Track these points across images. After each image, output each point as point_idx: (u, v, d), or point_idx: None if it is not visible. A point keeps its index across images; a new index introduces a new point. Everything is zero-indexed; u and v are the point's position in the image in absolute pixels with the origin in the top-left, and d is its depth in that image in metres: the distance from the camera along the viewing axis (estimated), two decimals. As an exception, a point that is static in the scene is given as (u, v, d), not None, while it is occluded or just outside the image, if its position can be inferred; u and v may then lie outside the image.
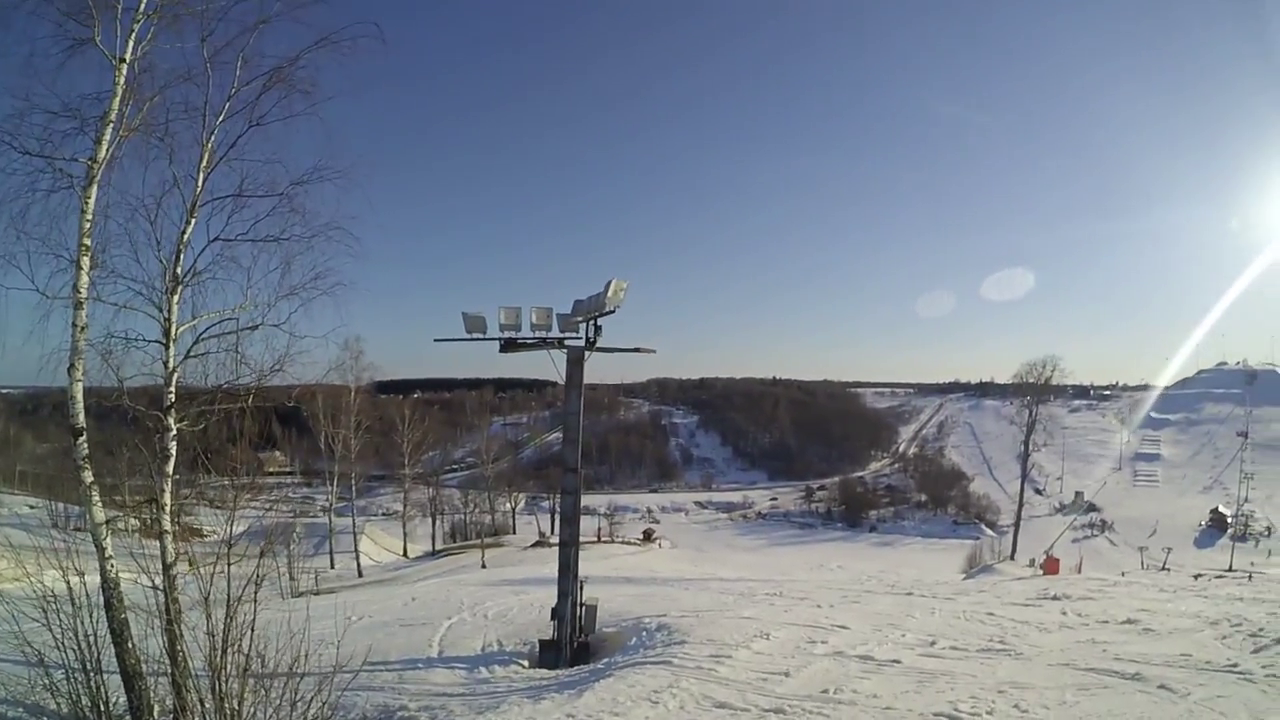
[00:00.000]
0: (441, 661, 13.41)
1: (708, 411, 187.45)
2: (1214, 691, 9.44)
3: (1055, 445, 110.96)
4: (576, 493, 14.95)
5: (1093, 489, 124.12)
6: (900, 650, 12.44)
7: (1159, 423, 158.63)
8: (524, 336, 14.38)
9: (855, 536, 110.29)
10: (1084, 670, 10.95)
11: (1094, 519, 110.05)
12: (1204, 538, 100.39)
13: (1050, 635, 14.36)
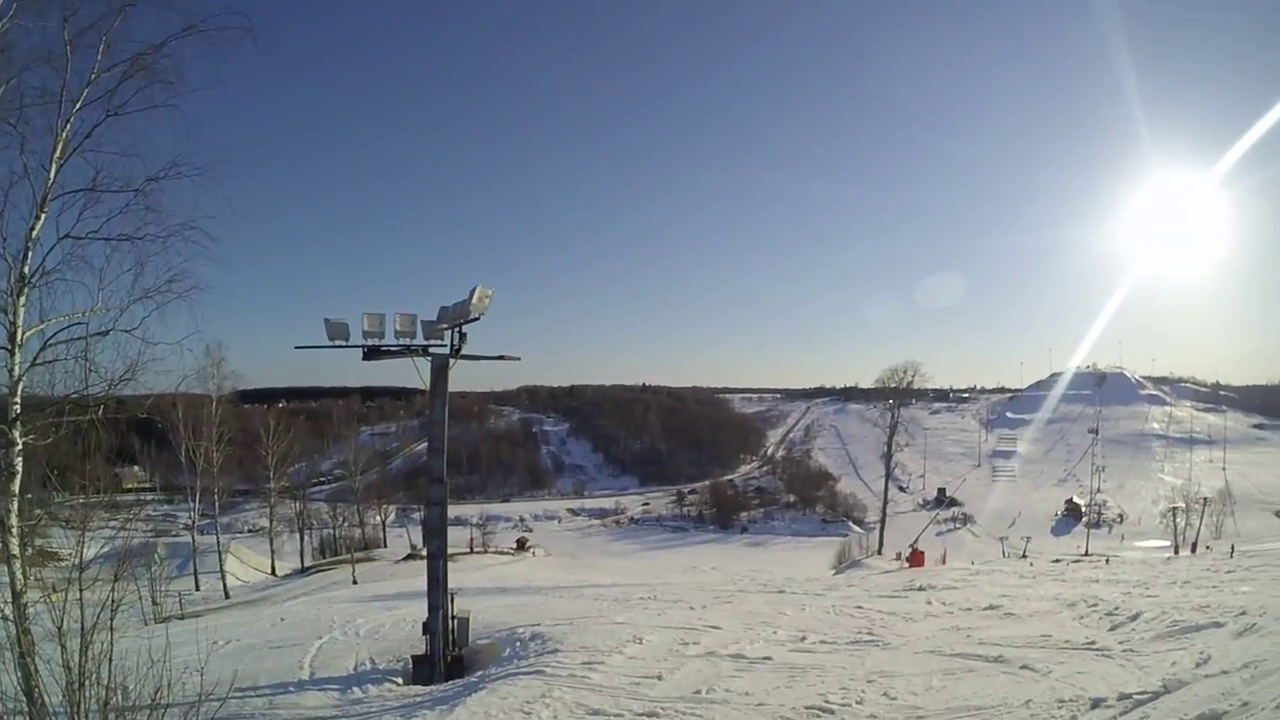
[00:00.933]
0: (313, 684, 12.98)
1: (578, 419, 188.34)
2: (1074, 668, 9.89)
3: (917, 445, 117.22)
4: (443, 504, 14.60)
5: (954, 485, 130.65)
6: (772, 647, 12.67)
7: (1015, 422, 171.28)
8: (388, 344, 13.99)
9: (727, 538, 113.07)
10: (949, 656, 11.37)
11: (956, 513, 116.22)
12: (1060, 526, 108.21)
13: (916, 624, 14.87)
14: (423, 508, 73.19)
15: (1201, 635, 11.39)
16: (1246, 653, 9.65)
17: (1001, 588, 21.69)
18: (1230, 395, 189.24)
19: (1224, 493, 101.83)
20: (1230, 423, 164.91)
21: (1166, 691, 8.06)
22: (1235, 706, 7.20)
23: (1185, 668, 9.17)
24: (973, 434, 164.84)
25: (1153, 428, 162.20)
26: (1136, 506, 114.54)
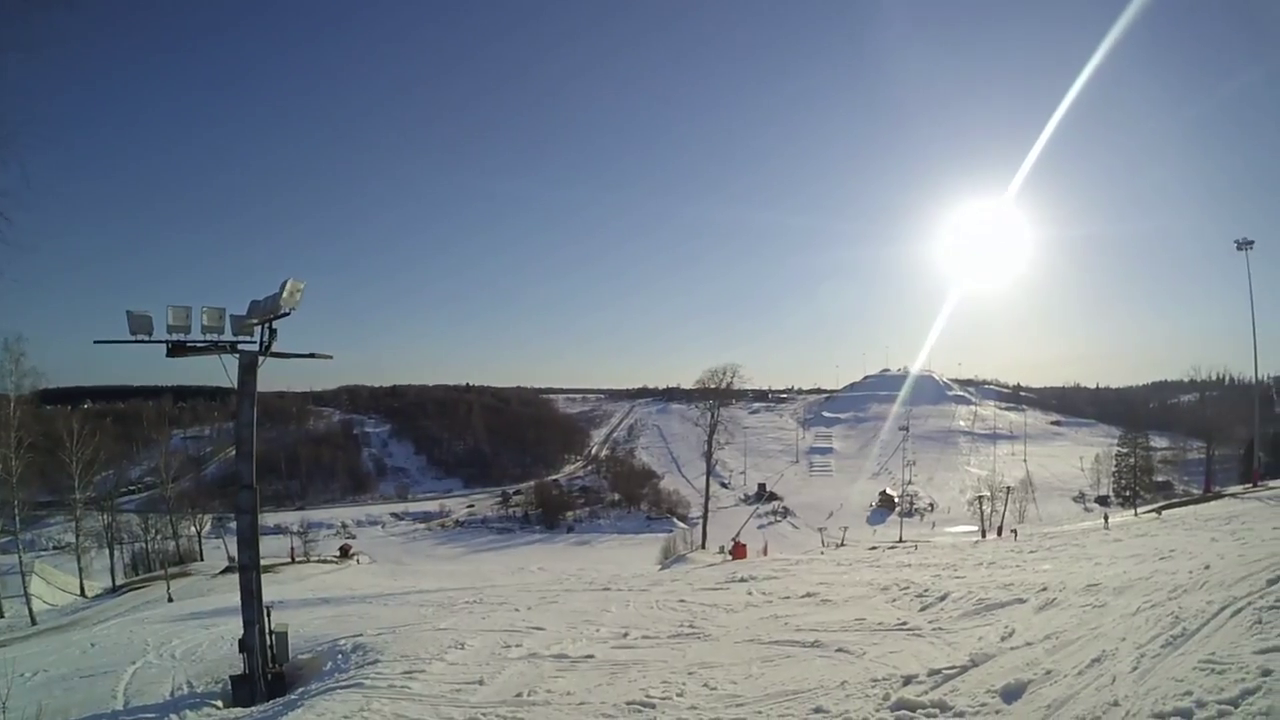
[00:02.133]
0: (127, 713, 12.14)
1: (401, 420, 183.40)
2: (887, 649, 10.20)
3: (738, 443, 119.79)
4: (253, 511, 13.77)
5: (774, 480, 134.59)
6: (594, 645, 12.59)
7: (831, 421, 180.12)
8: (194, 340, 12.97)
9: (554, 538, 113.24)
10: (768, 643, 11.54)
11: (777, 506, 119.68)
12: (875, 516, 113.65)
13: (737, 615, 15.07)
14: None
15: (1006, 611, 11.96)
16: (1048, 625, 10.17)
17: (819, 576, 22.29)
18: (1030, 396, 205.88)
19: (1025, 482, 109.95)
20: (1030, 420, 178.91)
21: (974, 665, 8.36)
22: (1039, 675, 7.54)
23: (991, 642, 9.56)
24: (791, 432, 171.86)
25: (959, 425, 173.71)
26: (946, 496, 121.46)
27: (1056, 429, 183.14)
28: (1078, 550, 25.14)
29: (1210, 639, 7.77)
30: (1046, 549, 27.27)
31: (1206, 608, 9.01)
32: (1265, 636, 7.38)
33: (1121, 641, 8.25)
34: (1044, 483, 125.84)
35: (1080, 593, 12.45)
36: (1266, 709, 5.45)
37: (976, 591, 14.13)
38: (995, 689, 7.24)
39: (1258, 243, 59.20)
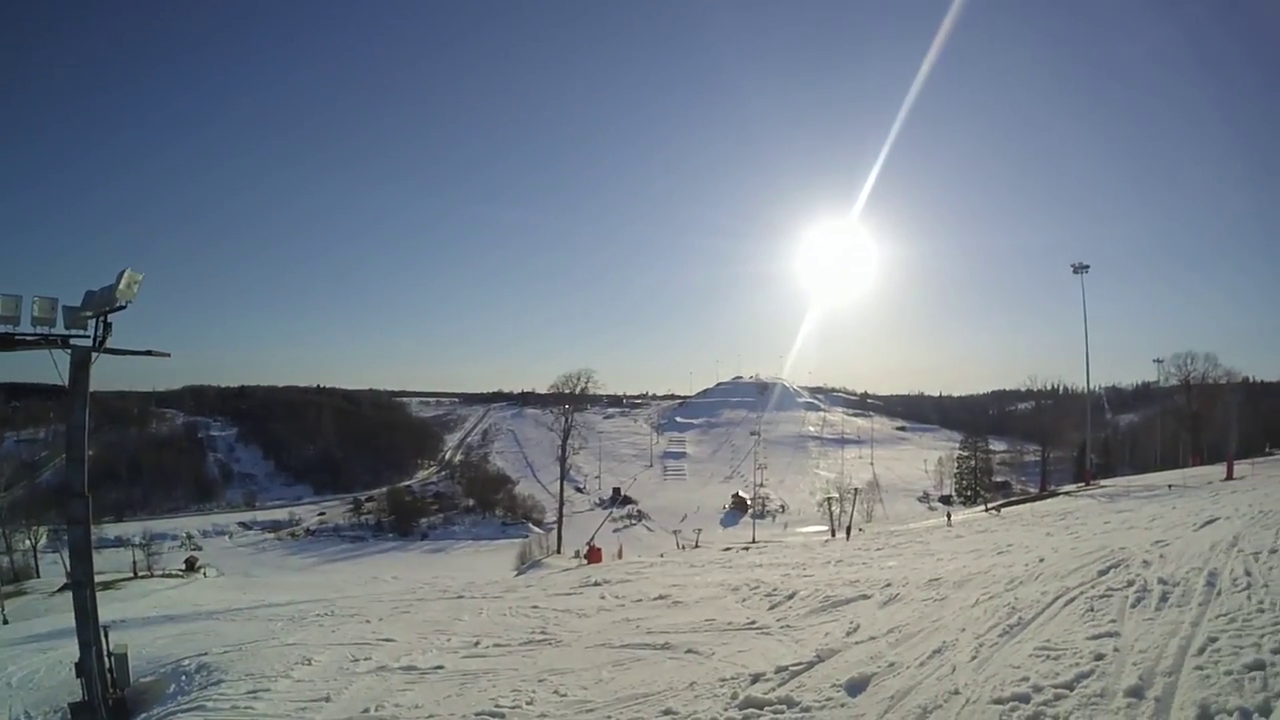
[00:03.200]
0: None
1: (249, 423, 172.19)
2: (736, 648, 10.25)
3: (592, 448, 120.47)
4: (86, 522, 12.81)
5: (629, 484, 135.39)
6: (445, 655, 12.29)
7: (684, 426, 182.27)
8: (22, 332, 11.93)
9: (408, 545, 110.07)
10: (619, 647, 11.47)
11: (631, 510, 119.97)
12: (728, 518, 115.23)
13: (589, 620, 14.97)
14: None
15: (851, 607, 12.20)
16: (891, 619, 10.40)
17: (672, 578, 22.34)
18: (877, 403, 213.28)
19: (873, 483, 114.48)
20: (877, 426, 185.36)
21: (820, 660, 8.46)
22: (883, 668, 7.67)
23: (837, 637, 9.71)
24: (645, 437, 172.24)
25: (809, 430, 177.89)
26: (797, 498, 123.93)
27: (902, 434, 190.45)
28: (921, 547, 26.00)
29: (1045, 627, 8.08)
30: (892, 547, 28.06)
31: (1041, 598, 9.38)
32: (1097, 623, 7.73)
33: (961, 632, 8.51)
34: (890, 484, 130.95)
35: (923, 587, 12.85)
36: (1100, 691, 5.68)
37: (824, 589, 14.37)
38: (840, 683, 7.33)
39: (1093, 266, 64.18)
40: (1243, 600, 7.57)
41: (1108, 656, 6.44)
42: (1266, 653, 5.82)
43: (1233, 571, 8.93)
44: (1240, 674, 5.50)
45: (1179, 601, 8.07)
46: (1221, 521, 14.99)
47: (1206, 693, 5.29)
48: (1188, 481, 49.29)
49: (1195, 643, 6.45)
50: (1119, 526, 21.54)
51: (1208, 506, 21.63)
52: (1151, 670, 5.93)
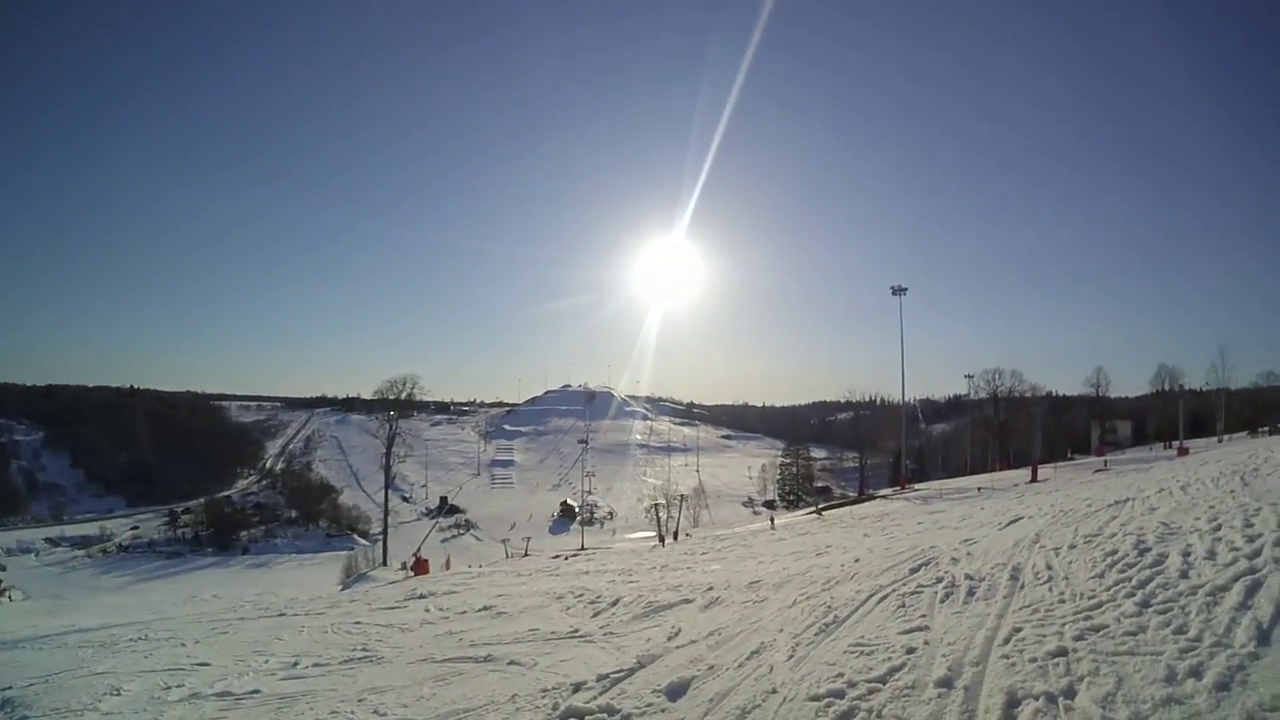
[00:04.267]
0: None
1: (56, 427, 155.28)
2: (559, 657, 10.10)
3: (418, 456, 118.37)
4: None
5: (456, 493, 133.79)
6: (262, 678, 11.69)
7: (512, 434, 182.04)
8: None
9: (228, 561, 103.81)
10: (441, 662, 11.16)
11: (459, 519, 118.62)
12: (557, 525, 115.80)
13: (412, 634, 14.55)
14: None
15: (673, 612, 12.23)
16: (712, 622, 10.46)
17: (498, 588, 22.05)
18: (703, 412, 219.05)
19: (699, 490, 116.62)
20: (703, 434, 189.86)
21: (641, 666, 8.40)
22: (703, 671, 7.66)
23: (658, 642, 9.67)
24: (472, 445, 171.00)
25: (637, 438, 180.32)
26: (624, 505, 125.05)
27: (727, 442, 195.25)
28: (745, 550, 26.46)
29: (860, 624, 8.25)
30: (717, 551, 28.43)
31: (856, 596, 9.59)
32: (909, 619, 7.94)
33: (779, 632, 8.61)
34: (716, 490, 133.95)
35: (743, 590, 13.01)
36: (911, 683, 5.80)
37: (647, 595, 14.39)
38: (661, 688, 7.29)
39: (911, 287, 68.53)
40: (1045, 592, 7.91)
41: (918, 650, 6.62)
42: (1068, 640, 6.08)
43: (1035, 566, 9.33)
44: (1044, 661, 5.72)
45: (985, 595, 8.40)
46: (1025, 520, 15.74)
47: (1013, 680, 5.47)
48: (996, 484, 52.11)
49: (1001, 633, 6.70)
50: (931, 527, 22.42)
51: (1013, 507, 22.74)
52: (960, 661, 6.11)
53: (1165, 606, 6.46)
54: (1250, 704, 4.40)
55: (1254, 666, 4.90)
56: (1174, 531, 9.30)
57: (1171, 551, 8.17)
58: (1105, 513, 12.93)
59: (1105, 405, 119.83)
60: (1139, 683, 5.00)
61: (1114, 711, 4.67)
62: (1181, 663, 5.15)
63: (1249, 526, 8.43)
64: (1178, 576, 7.27)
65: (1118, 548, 9.00)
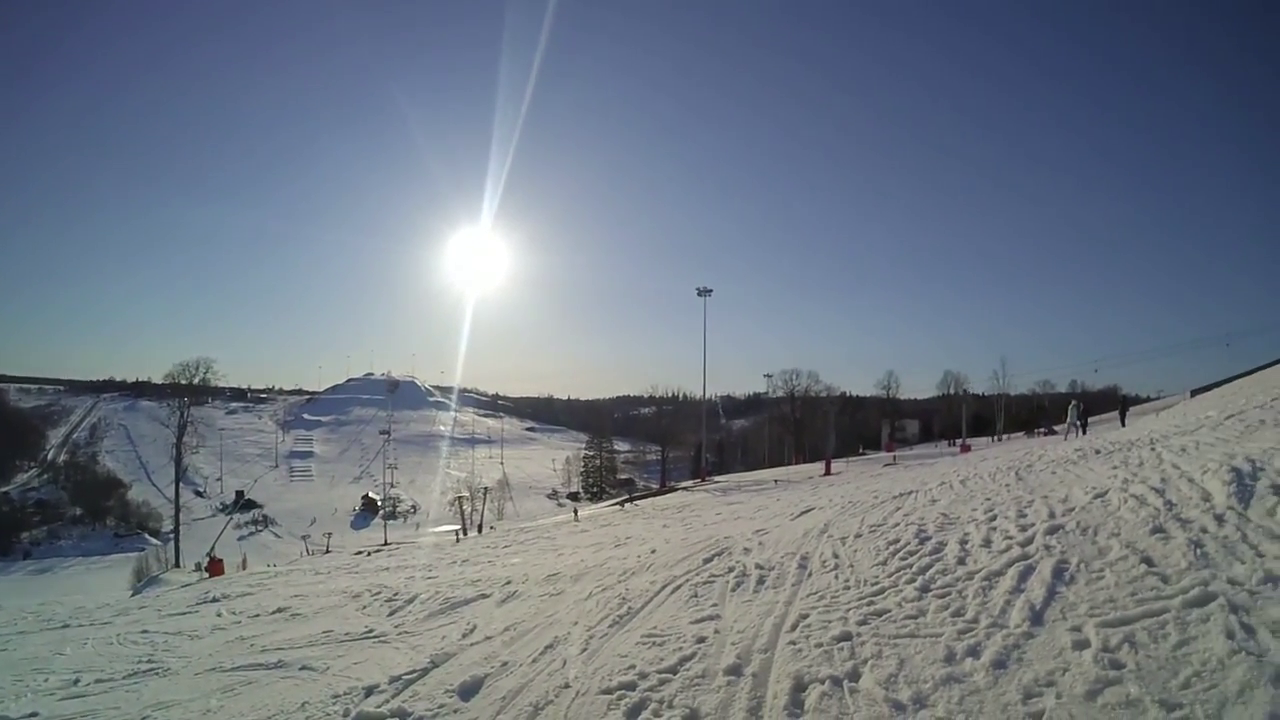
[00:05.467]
0: None
1: None
2: (352, 660, 9.67)
3: (213, 447, 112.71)
4: None
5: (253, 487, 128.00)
6: (40, 699, 10.70)
7: (312, 424, 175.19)
8: None
9: (9, 568, 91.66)
10: (230, 670, 10.51)
11: (256, 515, 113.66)
12: (359, 520, 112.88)
13: (202, 641, 13.73)
14: None
15: (470, 608, 11.98)
16: (508, 617, 10.27)
17: (296, 588, 21.19)
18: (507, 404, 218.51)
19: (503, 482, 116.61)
20: (507, 426, 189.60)
21: (435, 665, 8.14)
22: (497, 668, 7.47)
23: (453, 640, 9.41)
24: (270, 435, 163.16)
25: (440, 429, 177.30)
26: (428, 498, 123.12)
27: (531, 434, 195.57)
28: (547, 543, 26.45)
29: (653, 615, 8.24)
30: (520, 543, 28.32)
31: (650, 587, 9.60)
32: (700, 608, 7.97)
33: (574, 626, 8.50)
34: (520, 483, 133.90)
35: (541, 583, 12.88)
36: (702, 671, 5.80)
37: (445, 590, 14.11)
38: (454, 687, 7.06)
39: (716, 289, 70.91)
40: (831, 580, 8.08)
41: (709, 639, 6.63)
42: (853, 625, 6.20)
43: (822, 555, 9.55)
44: (830, 645, 5.81)
45: (775, 584, 8.52)
46: (815, 511, 16.19)
47: (800, 665, 5.51)
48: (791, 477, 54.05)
49: (789, 620, 6.78)
50: (729, 518, 22.91)
51: (806, 498, 23.46)
52: (749, 648, 6.15)
53: (944, 591, 6.69)
54: (1026, 680, 4.55)
55: (1028, 645, 5.09)
56: (953, 521, 9.70)
57: (950, 540, 8.51)
58: (890, 504, 13.42)
59: (895, 405, 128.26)
60: (920, 663, 5.13)
61: (896, 692, 4.75)
62: (960, 643, 5.31)
63: (1022, 517, 8.85)
64: (955, 563, 7.56)
65: (900, 537, 9.32)
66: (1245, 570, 5.46)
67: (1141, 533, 6.97)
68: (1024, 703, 4.32)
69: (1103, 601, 5.57)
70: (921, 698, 4.63)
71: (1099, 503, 8.57)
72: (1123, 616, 5.16)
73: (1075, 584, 6.10)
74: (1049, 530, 7.82)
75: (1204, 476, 8.36)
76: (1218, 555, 5.93)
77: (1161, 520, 7.16)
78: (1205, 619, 4.81)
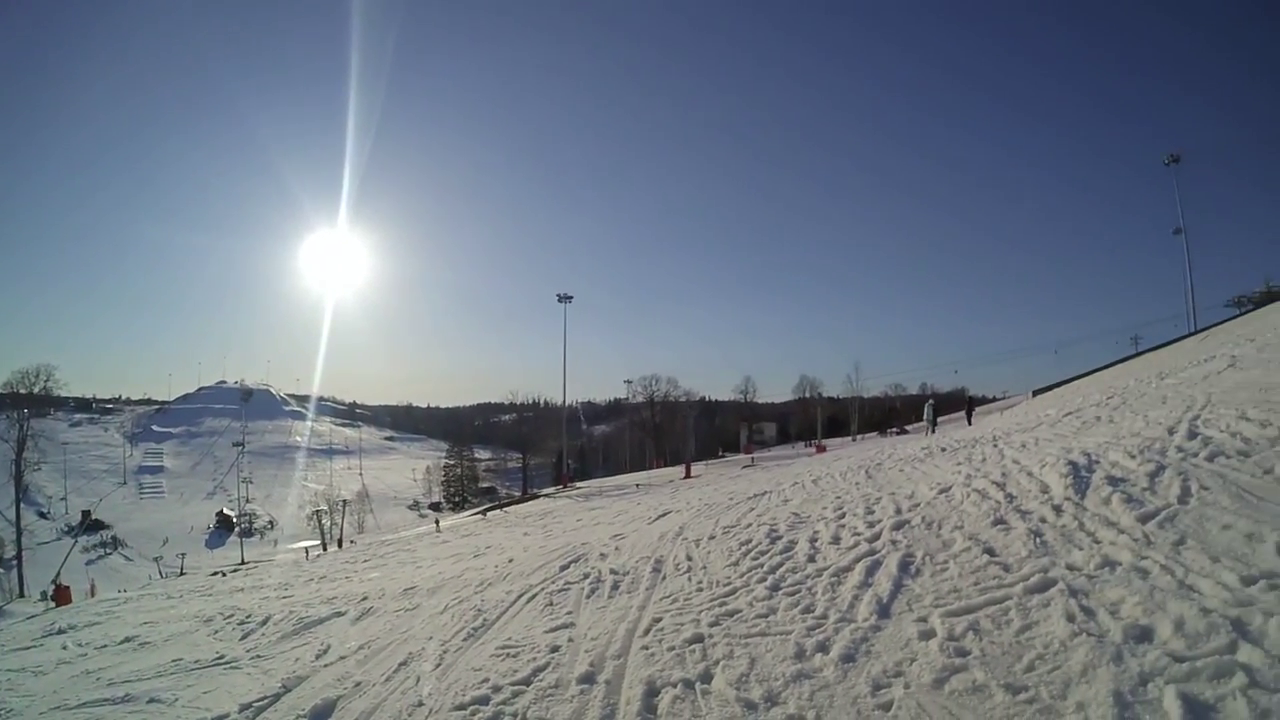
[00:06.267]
0: None
1: None
2: (201, 689, 9.11)
3: (56, 462, 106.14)
4: None
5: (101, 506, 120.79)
6: None
7: (162, 436, 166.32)
8: None
9: None
10: (76, 708, 9.76)
11: (105, 536, 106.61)
12: (214, 538, 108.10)
13: (46, 678, 12.78)
14: None
15: (324, 627, 11.61)
16: (363, 635, 10.00)
17: (146, 614, 20.09)
18: (365, 413, 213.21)
19: (363, 494, 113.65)
20: (366, 435, 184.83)
21: (287, 690, 7.79)
22: (349, 689, 7.21)
23: (306, 662, 9.08)
24: (118, 449, 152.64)
25: (296, 440, 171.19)
26: (285, 513, 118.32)
27: (391, 444, 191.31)
28: (407, 555, 25.95)
29: (508, 626, 8.09)
30: (379, 557, 27.72)
31: (506, 597, 9.43)
32: (555, 616, 7.86)
33: (429, 641, 8.31)
34: (380, 494, 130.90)
35: (397, 598, 12.60)
36: (555, 682, 5.71)
37: (300, 610, 13.65)
38: (305, 712, 6.75)
39: (576, 295, 71.99)
40: (684, 582, 8.07)
41: (563, 648, 6.54)
42: (705, 627, 6.18)
43: (676, 558, 9.57)
44: (682, 648, 5.76)
45: (629, 589, 8.48)
46: (673, 514, 16.28)
47: (652, 669, 5.45)
48: (653, 481, 54.39)
49: (642, 625, 6.73)
50: (589, 523, 22.86)
51: (665, 502, 23.57)
52: (603, 655, 6.07)
53: (794, 589, 6.74)
54: (875, 672, 4.59)
55: (876, 638, 5.14)
56: (804, 520, 9.85)
57: (800, 539, 8.62)
58: (744, 505, 13.58)
59: (753, 409, 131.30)
60: (771, 661, 5.13)
61: (748, 691, 4.73)
62: (810, 639, 5.34)
63: (870, 514, 9.05)
64: (805, 561, 7.65)
65: (752, 537, 9.40)
66: (1083, 556, 5.67)
67: (984, 525, 7.20)
68: (873, 694, 4.35)
69: (947, 592, 5.69)
70: (773, 695, 4.61)
71: (943, 498, 8.84)
72: (967, 605, 5.28)
73: (921, 576, 6.24)
74: (895, 526, 8.00)
75: (1043, 470, 8.70)
76: (1056, 543, 6.14)
77: (1003, 512, 7.41)
78: (1046, 604, 4.95)
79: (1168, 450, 8.08)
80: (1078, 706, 3.68)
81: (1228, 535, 5.34)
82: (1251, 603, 4.21)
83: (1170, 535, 5.63)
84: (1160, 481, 7.04)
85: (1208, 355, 17.69)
